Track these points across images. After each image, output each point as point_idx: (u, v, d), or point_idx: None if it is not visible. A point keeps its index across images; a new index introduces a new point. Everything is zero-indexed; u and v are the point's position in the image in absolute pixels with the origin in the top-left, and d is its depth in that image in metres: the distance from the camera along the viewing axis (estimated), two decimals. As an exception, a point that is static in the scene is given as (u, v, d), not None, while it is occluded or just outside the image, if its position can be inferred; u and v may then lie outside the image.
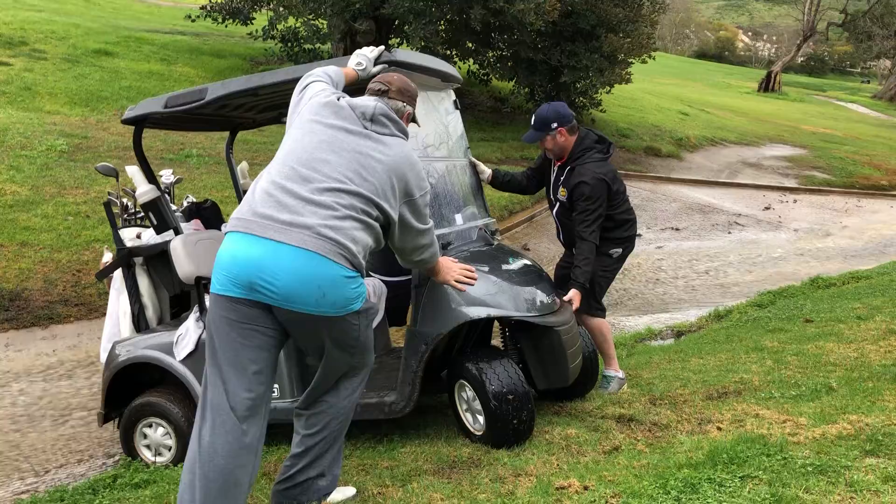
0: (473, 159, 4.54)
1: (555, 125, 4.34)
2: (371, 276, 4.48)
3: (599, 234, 4.30)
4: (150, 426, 4.12)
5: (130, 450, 4.19)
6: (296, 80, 3.40)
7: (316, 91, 3.02)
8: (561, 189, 4.43)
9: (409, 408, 3.68)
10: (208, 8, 14.34)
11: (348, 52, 14.60)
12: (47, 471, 4.40)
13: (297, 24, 14.15)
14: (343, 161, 2.78)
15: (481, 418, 3.65)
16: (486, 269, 3.75)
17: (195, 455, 2.62)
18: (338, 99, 2.95)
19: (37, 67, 12.35)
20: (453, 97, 4.47)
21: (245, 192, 5.09)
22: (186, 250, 4.24)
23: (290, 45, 14.21)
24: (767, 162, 18.02)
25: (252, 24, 14.57)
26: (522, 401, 3.56)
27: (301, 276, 2.62)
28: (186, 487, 2.60)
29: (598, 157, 4.38)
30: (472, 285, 3.56)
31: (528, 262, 4.18)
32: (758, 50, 67.43)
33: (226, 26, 14.85)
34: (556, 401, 4.22)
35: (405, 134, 3.01)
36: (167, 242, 4.36)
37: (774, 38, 65.48)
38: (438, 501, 3.00)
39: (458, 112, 4.45)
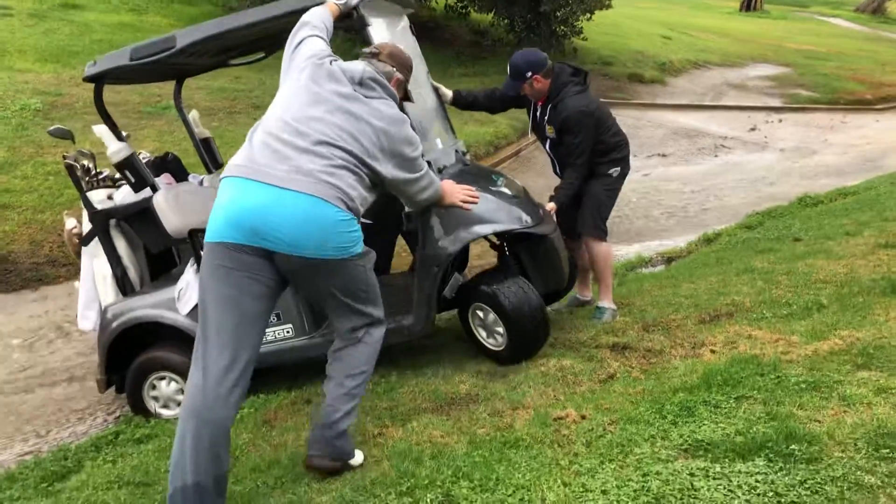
0: (434, 83, 4.58)
1: (529, 73, 4.41)
2: None
3: (594, 158, 4.50)
4: (159, 381, 4.19)
5: (139, 407, 4.23)
6: (269, 21, 3.49)
7: (313, 51, 3.06)
8: (548, 127, 4.54)
9: (428, 329, 3.92)
10: (175, -47, 13.95)
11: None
12: (49, 431, 4.43)
13: (268, -34, 13.81)
14: (335, 121, 2.84)
15: (499, 336, 3.93)
16: (477, 188, 3.84)
17: (188, 407, 2.64)
18: (330, 63, 2.98)
19: (3, 24, 12.02)
20: (407, 22, 4.50)
21: (201, 139, 5.05)
22: (170, 205, 4.17)
23: (261, -13, 13.88)
24: (752, 82, 17.86)
25: (221, -33, 14.22)
26: (537, 310, 3.83)
27: (305, 220, 2.67)
28: (179, 440, 2.64)
29: (577, 89, 4.49)
30: (476, 204, 3.74)
31: (508, 178, 4.36)
32: (739, -32, 66.29)
33: (195, -29, 14.49)
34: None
35: (393, 97, 3.06)
36: (147, 200, 4.26)
37: (755, -46, 64.33)
38: (438, 438, 3.04)
39: (414, 38, 4.48)
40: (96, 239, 4.43)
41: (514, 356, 3.89)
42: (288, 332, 4.07)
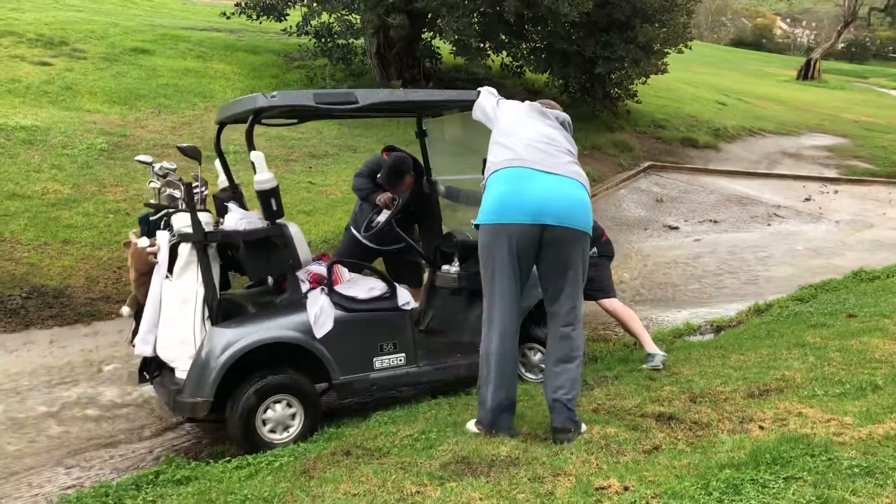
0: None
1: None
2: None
3: None
4: (275, 404, 4.34)
5: (248, 433, 4.29)
6: (430, 101, 5.21)
7: (510, 104, 4.21)
8: None
9: None
10: (243, 5, 14.42)
11: (382, 47, 14.66)
12: (92, 466, 4.48)
13: (331, 20, 14.18)
14: (560, 138, 3.95)
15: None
16: None
17: (485, 354, 3.79)
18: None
19: (77, 67, 12.55)
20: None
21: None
22: (300, 237, 4.50)
23: (323, 40, 14.24)
24: (807, 152, 17.68)
25: (286, 20, 14.63)
26: None
27: (576, 200, 3.74)
28: (483, 380, 3.79)
29: None
30: None
31: None
32: (797, 37, 66.12)
33: (260, 23, 14.91)
34: None
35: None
36: (272, 228, 4.45)
37: (814, 24, 64.14)
38: (477, 501, 3.00)
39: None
40: (182, 261, 4.44)
41: None
42: (401, 360, 4.71)
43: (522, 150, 3.80)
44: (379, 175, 5.58)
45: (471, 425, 3.90)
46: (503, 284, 3.77)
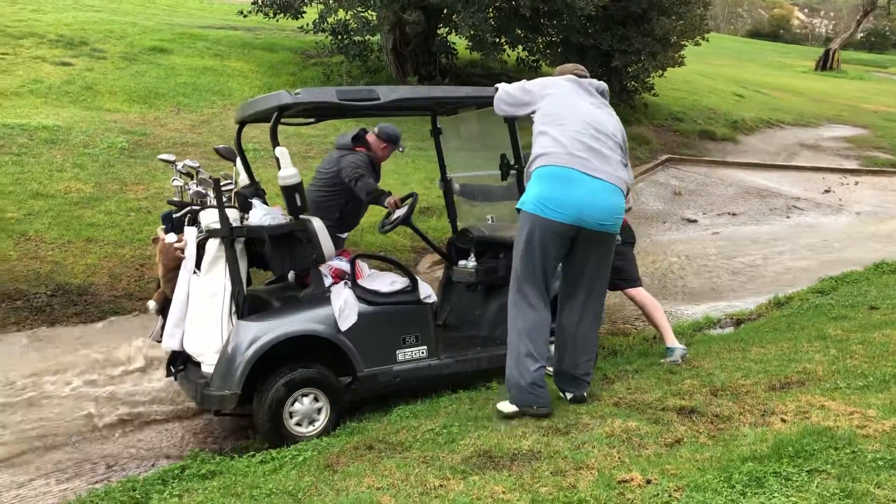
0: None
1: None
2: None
3: None
4: (302, 398, 4.40)
5: (275, 426, 4.35)
6: (450, 98, 5.39)
7: (555, 85, 4.26)
8: None
9: None
10: (260, 3, 14.49)
11: (398, 43, 14.68)
12: (118, 461, 4.55)
13: (347, 17, 14.21)
14: (607, 123, 4.12)
15: None
16: None
17: (522, 329, 4.01)
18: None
19: (97, 67, 12.66)
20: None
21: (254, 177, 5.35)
22: (324, 233, 4.55)
23: (340, 37, 14.27)
24: (826, 143, 17.53)
25: (302, 17, 14.68)
26: None
27: (614, 208, 3.97)
28: (511, 352, 4.06)
29: None
30: None
31: None
32: (815, 27, 65.47)
33: (277, 20, 14.96)
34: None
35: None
36: (296, 223, 4.50)
37: (832, 13, 63.48)
38: (500, 494, 3.02)
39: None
40: (210, 256, 4.50)
41: None
42: (423, 352, 4.79)
43: (570, 144, 3.95)
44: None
45: (503, 406, 4.08)
46: (534, 263, 4.01)
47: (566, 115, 4.07)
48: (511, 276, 4.13)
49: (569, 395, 4.21)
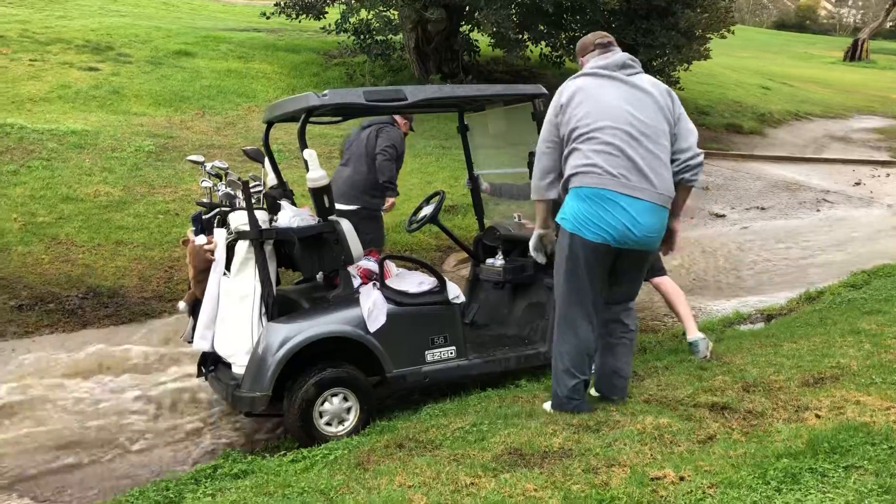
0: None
1: None
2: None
3: None
4: (332, 397, 4.42)
5: (306, 426, 4.37)
6: (476, 96, 5.17)
7: (581, 91, 3.90)
8: None
9: None
10: (282, 4, 14.57)
11: (420, 41, 14.69)
12: (151, 460, 4.60)
13: (369, 17, 14.26)
14: (651, 111, 3.81)
15: None
16: None
17: (577, 346, 3.91)
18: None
19: (123, 71, 12.81)
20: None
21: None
22: (352, 234, 4.54)
23: (362, 37, 14.33)
24: (856, 135, 17.30)
25: (325, 18, 14.74)
26: None
27: (656, 228, 3.79)
28: (553, 365, 4.02)
29: None
30: None
31: None
32: (842, 17, 64.60)
33: (299, 21, 15.06)
34: None
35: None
36: (326, 224, 4.50)
37: (860, 3, 62.59)
38: (532, 492, 3.01)
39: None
40: (239, 258, 4.52)
41: None
42: (452, 353, 4.78)
43: (603, 161, 3.70)
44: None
45: (547, 406, 4.12)
46: (578, 284, 3.89)
47: (592, 123, 3.76)
48: (556, 293, 4.02)
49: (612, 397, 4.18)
